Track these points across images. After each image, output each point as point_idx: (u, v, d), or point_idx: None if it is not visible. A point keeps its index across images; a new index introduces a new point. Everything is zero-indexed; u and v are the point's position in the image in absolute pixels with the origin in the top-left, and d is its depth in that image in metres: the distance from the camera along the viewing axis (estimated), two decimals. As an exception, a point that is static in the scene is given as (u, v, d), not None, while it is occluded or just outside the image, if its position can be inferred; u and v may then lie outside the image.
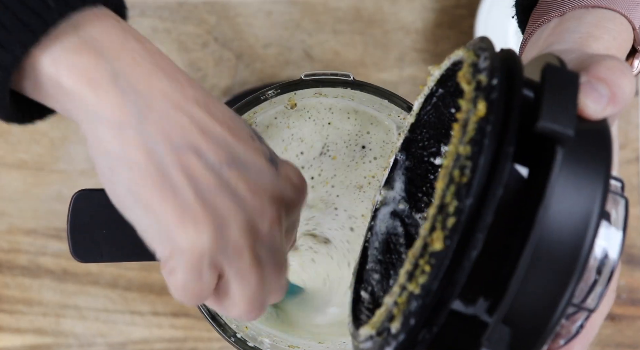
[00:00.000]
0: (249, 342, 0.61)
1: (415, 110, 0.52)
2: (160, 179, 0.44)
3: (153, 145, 0.44)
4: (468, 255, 0.39)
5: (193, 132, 0.44)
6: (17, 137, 0.85)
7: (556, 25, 0.51)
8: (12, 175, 0.85)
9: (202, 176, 0.44)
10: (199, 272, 0.44)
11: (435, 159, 0.52)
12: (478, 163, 0.39)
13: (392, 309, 0.41)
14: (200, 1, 0.85)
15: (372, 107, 0.64)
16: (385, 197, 0.54)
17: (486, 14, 0.84)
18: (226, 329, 0.61)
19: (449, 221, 0.39)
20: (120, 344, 0.85)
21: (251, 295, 0.46)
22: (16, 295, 0.85)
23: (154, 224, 0.44)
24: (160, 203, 0.44)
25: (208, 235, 0.44)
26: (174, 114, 0.44)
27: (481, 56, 0.43)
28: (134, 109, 0.44)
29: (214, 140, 0.45)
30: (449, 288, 0.39)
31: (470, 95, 0.41)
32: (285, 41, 0.86)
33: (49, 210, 0.85)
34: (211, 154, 0.44)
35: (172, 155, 0.44)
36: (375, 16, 0.86)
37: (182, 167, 0.44)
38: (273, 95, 0.61)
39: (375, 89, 0.62)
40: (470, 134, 0.40)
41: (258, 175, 0.45)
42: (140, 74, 0.44)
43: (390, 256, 0.53)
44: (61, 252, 0.85)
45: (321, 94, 0.63)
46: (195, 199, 0.44)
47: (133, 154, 0.44)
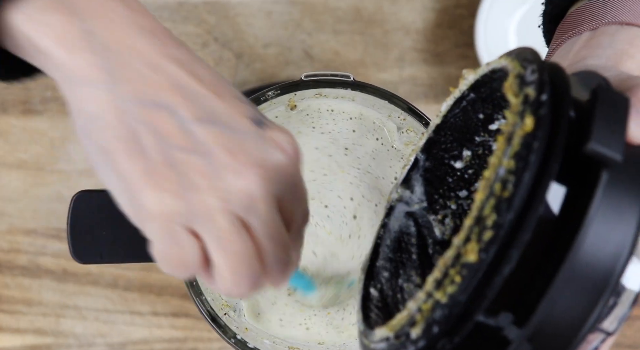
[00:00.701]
0: (249, 343, 0.61)
1: (443, 112, 0.51)
2: (129, 138, 0.42)
3: (123, 103, 0.42)
4: (501, 271, 0.38)
5: (166, 89, 0.43)
6: (17, 137, 0.85)
7: (588, 39, 0.51)
8: (12, 175, 0.85)
9: (171, 134, 0.42)
10: (173, 237, 0.43)
11: (456, 162, 0.52)
12: (522, 179, 0.39)
13: (415, 314, 0.41)
14: (200, 1, 0.85)
15: (372, 108, 0.64)
16: (401, 195, 0.53)
17: (486, 14, 0.84)
18: (226, 330, 0.61)
19: (485, 234, 0.39)
20: (120, 344, 0.85)
21: (236, 264, 0.43)
22: (16, 295, 0.85)
23: (122, 186, 0.43)
24: (127, 164, 0.42)
25: (172, 197, 0.42)
26: (147, 71, 0.43)
27: (528, 68, 0.42)
28: (106, 67, 0.42)
29: (189, 96, 0.43)
30: (476, 301, 0.39)
31: (518, 109, 0.41)
32: (285, 41, 0.86)
33: (49, 210, 0.85)
34: (184, 111, 0.42)
35: (142, 113, 0.42)
36: (375, 16, 0.86)
37: (151, 126, 0.42)
38: (273, 96, 0.61)
39: (376, 89, 0.62)
40: (516, 148, 0.39)
41: (236, 134, 0.43)
42: (116, 32, 0.43)
43: (401, 255, 0.52)
44: (61, 252, 0.85)
45: (321, 95, 0.63)
46: (163, 159, 0.42)
47: (104, 113, 0.43)
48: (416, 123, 0.62)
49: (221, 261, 0.43)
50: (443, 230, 0.53)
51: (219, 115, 0.43)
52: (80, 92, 0.43)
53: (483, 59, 0.84)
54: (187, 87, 0.43)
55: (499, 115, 0.49)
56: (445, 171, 0.53)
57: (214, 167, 0.42)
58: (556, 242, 0.39)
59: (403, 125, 0.64)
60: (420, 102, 0.85)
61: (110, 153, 0.43)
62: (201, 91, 0.43)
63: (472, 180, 0.53)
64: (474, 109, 0.50)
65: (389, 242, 0.53)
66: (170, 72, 0.43)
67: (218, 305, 0.63)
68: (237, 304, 0.64)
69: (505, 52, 0.46)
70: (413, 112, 0.62)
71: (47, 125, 0.85)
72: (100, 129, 0.43)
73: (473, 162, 0.52)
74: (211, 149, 0.42)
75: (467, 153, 0.52)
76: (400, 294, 0.51)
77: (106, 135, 0.43)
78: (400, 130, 0.65)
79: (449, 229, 0.53)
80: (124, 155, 0.42)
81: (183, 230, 0.43)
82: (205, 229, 0.43)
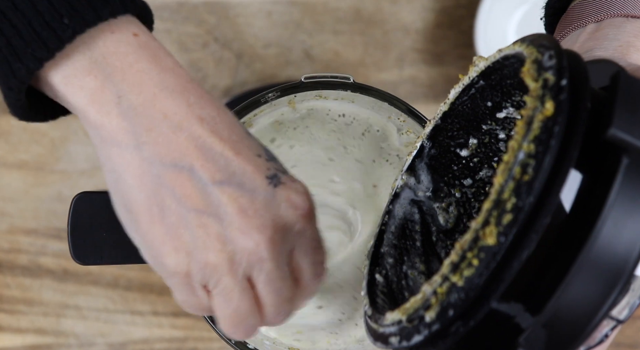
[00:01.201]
0: (249, 344, 0.62)
1: (451, 99, 0.51)
2: (150, 203, 0.45)
3: (148, 166, 0.45)
4: (519, 255, 0.38)
5: (189, 151, 0.45)
6: (18, 138, 0.85)
7: (593, 30, 0.51)
8: (13, 176, 0.85)
9: (189, 196, 0.45)
10: (191, 291, 0.47)
11: (462, 150, 0.52)
12: (543, 163, 0.39)
13: (430, 297, 0.41)
14: (200, 1, 0.85)
15: (372, 109, 0.64)
16: (406, 182, 0.53)
17: (486, 14, 0.84)
18: (226, 330, 0.62)
19: (505, 217, 0.39)
20: (121, 344, 0.85)
21: (234, 320, 0.47)
22: (17, 295, 0.85)
23: (146, 245, 0.46)
24: (149, 228, 0.45)
25: (188, 259, 0.45)
26: (172, 134, 0.45)
27: (545, 54, 0.42)
28: (133, 130, 0.45)
29: (210, 158, 0.45)
30: (493, 285, 0.39)
31: (537, 93, 0.41)
32: (285, 41, 0.86)
33: (50, 210, 0.85)
34: (204, 172, 0.45)
35: (163, 175, 0.45)
36: (375, 16, 0.86)
37: (171, 188, 0.45)
38: (273, 97, 0.61)
39: (376, 91, 0.62)
40: (536, 132, 0.39)
41: (251, 194, 0.45)
42: (144, 95, 0.45)
43: (405, 242, 0.52)
44: (61, 252, 0.85)
45: (321, 97, 0.63)
46: (180, 221, 0.45)
47: (129, 175, 0.45)
48: (416, 125, 0.62)
49: (221, 315, 0.47)
50: (447, 218, 0.53)
51: (236, 175, 0.45)
52: (110, 152, 0.45)
53: (483, 59, 0.84)
54: (207, 147, 0.45)
55: (507, 104, 0.49)
56: (451, 159, 0.53)
57: (226, 229, 0.45)
58: (574, 228, 0.39)
59: (403, 126, 0.64)
60: (420, 102, 0.85)
61: (134, 214, 0.46)
62: (222, 150, 0.45)
63: (477, 169, 0.52)
64: (483, 97, 0.50)
65: (393, 229, 0.53)
66: (193, 133, 0.45)
67: (218, 306, 0.63)
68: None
69: (517, 39, 0.46)
70: (413, 114, 0.62)
71: (47, 125, 0.85)
72: (126, 190, 0.45)
73: (479, 151, 0.52)
74: (225, 210, 0.45)
75: (473, 141, 0.52)
76: (405, 281, 0.51)
77: (130, 197, 0.45)
78: (400, 131, 0.65)
79: (453, 217, 0.53)
80: (146, 219, 0.45)
81: (199, 285, 0.46)
82: (213, 287, 0.46)
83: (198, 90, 0.46)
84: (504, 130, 0.51)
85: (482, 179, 0.52)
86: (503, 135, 0.51)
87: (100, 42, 0.45)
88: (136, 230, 0.46)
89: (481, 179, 0.53)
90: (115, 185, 0.46)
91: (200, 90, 0.46)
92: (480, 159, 0.52)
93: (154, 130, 0.45)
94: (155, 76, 0.45)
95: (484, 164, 0.52)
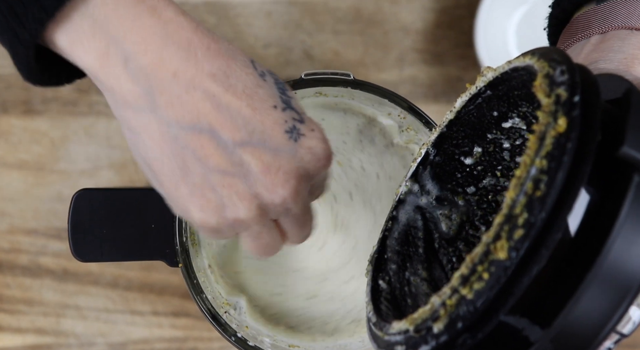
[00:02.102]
0: (249, 342, 0.61)
1: (457, 108, 0.52)
2: (172, 163, 0.45)
3: (166, 128, 0.45)
4: (529, 269, 0.39)
5: (206, 111, 0.45)
6: (18, 137, 0.85)
7: (598, 42, 0.51)
8: (13, 176, 0.85)
9: (211, 157, 0.45)
10: (219, 234, 0.48)
11: (466, 158, 0.53)
12: (555, 179, 0.39)
13: (439, 309, 0.41)
14: (200, 1, 0.85)
15: (372, 106, 0.64)
16: (410, 188, 0.54)
17: (486, 14, 0.84)
18: (226, 328, 0.62)
19: (516, 233, 0.39)
20: (121, 343, 0.85)
21: (258, 247, 0.50)
22: (17, 295, 0.85)
23: (170, 201, 0.47)
24: (171, 186, 0.46)
25: (215, 216, 0.47)
26: (185, 95, 0.44)
27: (557, 69, 0.42)
28: (146, 94, 0.44)
29: (229, 117, 0.45)
30: (503, 299, 0.39)
31: (550, 109, 0.41)
32: (285, 41, 0.86)
33: (50, 210, 0.85)
34: (224, 133, 0.45)
35: (184, 138, 0.45)
36: (375, 16, 0.86)
37: (193, 150, 0.45)
38: (273, 95, 0.61)
39: (375, 88, 0.62)
40: (548, 148, 0.40)
41: (273, 151, 0.46)
42: (151, 54, 0.44)
43: (408, 248, 0.53)
44: (62, 252, 0.85)
45: (321, 94, 0.63)
46: (204, 182, 0.46)
47: (148, 136, 0.45)
48: (416, 121, 0.62)
49: (249, 247, 0.51)
50: (449, 226, 0.53)
51: (256, 133, 0.45)
52: (125, 113, 0.46)
53: (483, 59, 0.84)
54: (224, 106, 0.45)
55: (514, 114, 0.50)
56: (455, 167, 0.53)
57: (252, 187, 0.46)
58: (584, 244, 0.39)
59: (403, 123, 0.64)
60: (420, 102, 0.85)
61: (156, 174, 0.47)
62: (239, 108, 0.45)
63: (480, 177, 0.53)
64: (489, 106, 0.50)
65: (396, 235, 0.53)
66: (208, 90, 0.45)
67: (218, 303, 0.63)
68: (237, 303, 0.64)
69: (526, 51, 0.46)
70: (413, 111, 0.62)
71: (47, 125, 0.85)
72: (146, 151, 0.46)
73: (483, 159, 0.52)
74: (249, 169, 0.46)
75: (477, 150, 0.52)
76: (407, 287, 0.51)
77: (151, 158, 0.46)
78: (400, 128, 0.65)
79: (455, 225, 0.53)
80: (168, 180, 0.46)
81: (226, 230, 0.48)
82: (242, 232, 0.49)
83: (204, 41, 0.45)
84: (508, 139, 0.51)
85: (486, 187, 0.53)
86: (507, 145, 0.51)
87: (99, 0, 0.44)
88: (160, 187, 0.47)
89: (484, 187, 0.53)
90: (135, 144, 0.46)
91: (207, 40, 0.45)
92: (484, 167, 0.53)
93: (166, 92, 0.44)
94: (158, 31, 0.45)
95: (488, 173, 0.53)
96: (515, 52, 0.86)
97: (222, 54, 0.46)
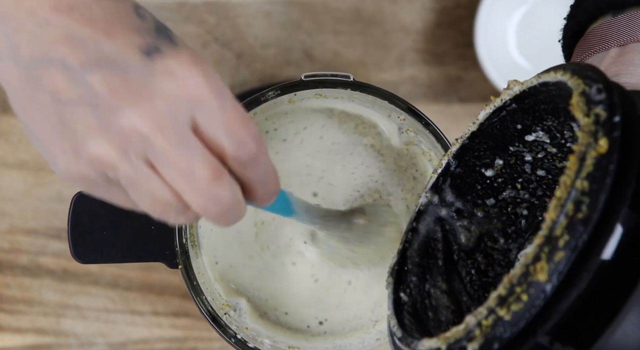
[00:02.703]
0: (249, 343, 0.62)
1: (480, 120, 0.51)
2: (31, 104, 0.43)
3: (23, 68, 0.42)
4: (569, 293, 0.38)
5: (59, 43, 0.42)
6: (18, 137, 0.85)
7: (617, 55, 0.51)
8: (13, 176, 0.85)
9: (62, 90, 0.42)
10: (91, 185, 0.43)
11: (487, 170, 0.52)
12: (598, 201, 0.38)
13: (474, 329, 0.40)
14: (200, 1, 0.85)
15: (372, 108, 0.64)
16: (430, 199, 0.53)
17: (486, 14, 0.84)
18: (226, 330, 0.62)
19: (557, 255, 0.38)
20: (121, 344, 0.85)
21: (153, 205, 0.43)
22: (17, 295, 0.85)
23: (42, 153, 0.44)
24: (37, 132, 0.43)
25: (73, 159, 0.42)
26: (39, 29, 0.42)
27: (592, 87, 0.42)
28: (5, 38, 0.42)
29: (80, 44, 0.41)
30: (540, 321, 0.39)
31: (589, 129, 0.40)
32: (285, 41, 0.86)
33: (50, 210, 0.85)
34: (73, 59, 0.41)
35: (38, 73, 0.42)
36: (375, 16, 0.86)
37: (46, 84, 0.42)
38: (273, 96, 0.62)
39: (375, 89, 0.62)
40: (589, 169, 0.39)
41: (122, 72, 0.41)
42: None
43: (427, 260, 0.52)
44: (61, 252, 0.85)
45: (321, 95, 0.63)
46: (59, 118, 0.42)
47: (12, 83, 0.43)
48: (416, 123, 0.62)
49: (145, 208, 0.44)
50: (468, 237, 0.53)
51: (105, 55, 0.41)
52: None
53: (482, 59, 0.84)
54: (76, 34, 0.42)
55: (538, 128, 0.49)
56: (475, 178, 0.53)
57: (102, 115, 0.41)
58: (626, 268, 0.39)
59: (403, 125, 0.64)
60: (420, 102, 0.85)
61: (25, 126, 0.43)
62: (90, 34, 0.42)
63: (500, 189, 0.53)
64: (513, 119, 0.50)
65: (416, 246, 0.53)
66: (62, 24, 0.42)
67: (218, 304, 0.63)
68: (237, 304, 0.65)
69: (556, 66, 0.46)
70: (413, 113, 0.62)
71: (47, 125, 0.85)
72: (15, 102, 0.43)
73: (504, 171, 0.52)
74: (98, 95, 0.41)
75: (499, 162, 0.52)
76: (428, 300, 0.51)
77: (19, 108, 0.43)
78: (400, 130, 0.65)
79: (474, 237, 0.53)
80: (34, 128, 0.43)
81: (104, 183, 0.43)
82: (116, 178, 0.43)
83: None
84: (531, 152, 0.51)
85: (505, 199, 0.53)
86: (529, 158, 0.51)
87: None
88: (35, 143, 0.44)
89: (504, 199, 0.53)
90: (11, 102, 0.44)
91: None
92: (504, 179, 0.53)
93: (22, 30, 0.42)
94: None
95: (508, 185, 0.53)
96: (515, 52, 0.86)
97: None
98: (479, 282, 0.52)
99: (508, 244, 0.53)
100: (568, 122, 0.48)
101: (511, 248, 0.53)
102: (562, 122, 0.48)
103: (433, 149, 0.64)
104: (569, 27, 0.56)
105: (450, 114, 0.86)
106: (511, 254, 0.53)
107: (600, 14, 0.53)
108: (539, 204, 0.52)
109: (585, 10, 0.54)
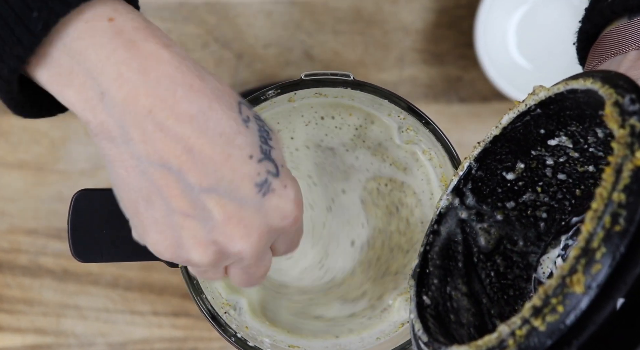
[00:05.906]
0: (249, 342, 0.61)
1: (503, 124, 0.51)
2: (137, 194, 0.46)
3: (136, 162, 0.45)
4: (606, 305, 0.38)
5: (177, 153, 0.44)
6: (18, 137, 0.85)
7: (636, 58, 0.51)
8: (13, 176, 0.85)
9: (176, 199, 0.45)
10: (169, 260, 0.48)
11: (508, 174, 0.52)
12: (636, 214, 0.38)
13: (507, 338, 0.40)
14: (200, 2, 0.85)
15: (372, 107, 0.64)
16: (450, 202, 0.53)
17: (486, 14, 0.84)
18: (226, 328, 0.62)
19: (594, 267, 0.38)
20: (121, 343, 0.85)
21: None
22: (17, 295, 0.85)
23: (129, 219, 0.48)
24: (133, 212, 0.47)
25: (167, 251, 0.47)
26: (158, 133, 0.44)
27: (625, 97, 0.42)
28: (119, 127, 0.44)
29: (198, 162, 0.44)
30: (575, 332, 0.39)
31: (625, 140, 0.40)
32: (285, 41, 0.86)
33: (50, 210, 0.85)
34: (191, 176, 0.44)
35: (152, 173, 0.45)
36: (375, 16, 0.86)
37: (159, 187, 0.45)
38: (273, 95, 0.61)
39: (375, 88, 0.62)
40: (626, 181, 0.39)
41: (238, 202, 0.45)
42: (125, 90, 0.44)
43: (448, 262, 0.52)
44: (62, 252, 0.85)
45: (321, 94, 0.63)
46: (164, 218, 0.46)
47: (121, 167, 0.45)
48: (416, 122, 0.62)
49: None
50: (488, 240, 0.53)
51: (224, 181, 0.45)
52: (101, 143, 0.45)
53: (483, 59, 0.84)
54: (196, 150, 0.44)
55: (561, 133, 0.49)
56: (496, 181, 0.53)
57: (210, 233, 0.46)
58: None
59: (403, 124, 0.64)
60: (420, 102, 0.85)
61: (122, 199, 0.47)
62: (210, 154, 0.44)
63: (520, 192, 0.53)
64: (537, 124, 0.50)
65: (437, 249, 0.53)
66: (180, 133, 0.44)
67: (218, 303, 0.63)
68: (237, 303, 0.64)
69: (583, 73, 0.45)
70: (413, 111, 0.62)
71: (47, 125, 0.85)
72: (116, 176, 0.46)
73: (524, 175, 0.52)
74: (211, 216, 0.45)
75: (520, 165, 0.52)
76: (450, 302, 0.51)
77: (119, 184, 0.46)
78: (400, 129, 0.65)
79: (494, 239, 0.53)
80: (133, 208, 0.47)
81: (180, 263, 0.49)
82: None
83: (187, 77, 0.44)
84: (552, 156, 0.51)
85: (525, 202, 0.53)
86: (551, 162, 0.51)
87: (75, 34, 0.43)
88: (124, 210, 0.48)
89: (524, 202, 0.53)
90: (108, 169, 0.47)
91: (191, 77, 0.44)
92: (525, 182, 0.52)
93: (139, 127, 0.44)
94: (135, 66, 0.43)
95: (528, 188, 0.53)
96: (515, 52, 0.86)
97: (205, 93, 0.45)
98: (498, 284, 0.52)
99: (527, 247, 0.53)
100: (592, 128, 0.47)
101: (530, 251, 0.53)
102: (586, 128, 0.48)
103: (433, 148, 0.64)
104: (584, 30, 0.56)
105: (450, 113, 0.86)
106: (530, 256, 0.53)
107: (615, 17, 0.53)
108: (559, 208, 0.52)
109: (601, 13, 0.54)
